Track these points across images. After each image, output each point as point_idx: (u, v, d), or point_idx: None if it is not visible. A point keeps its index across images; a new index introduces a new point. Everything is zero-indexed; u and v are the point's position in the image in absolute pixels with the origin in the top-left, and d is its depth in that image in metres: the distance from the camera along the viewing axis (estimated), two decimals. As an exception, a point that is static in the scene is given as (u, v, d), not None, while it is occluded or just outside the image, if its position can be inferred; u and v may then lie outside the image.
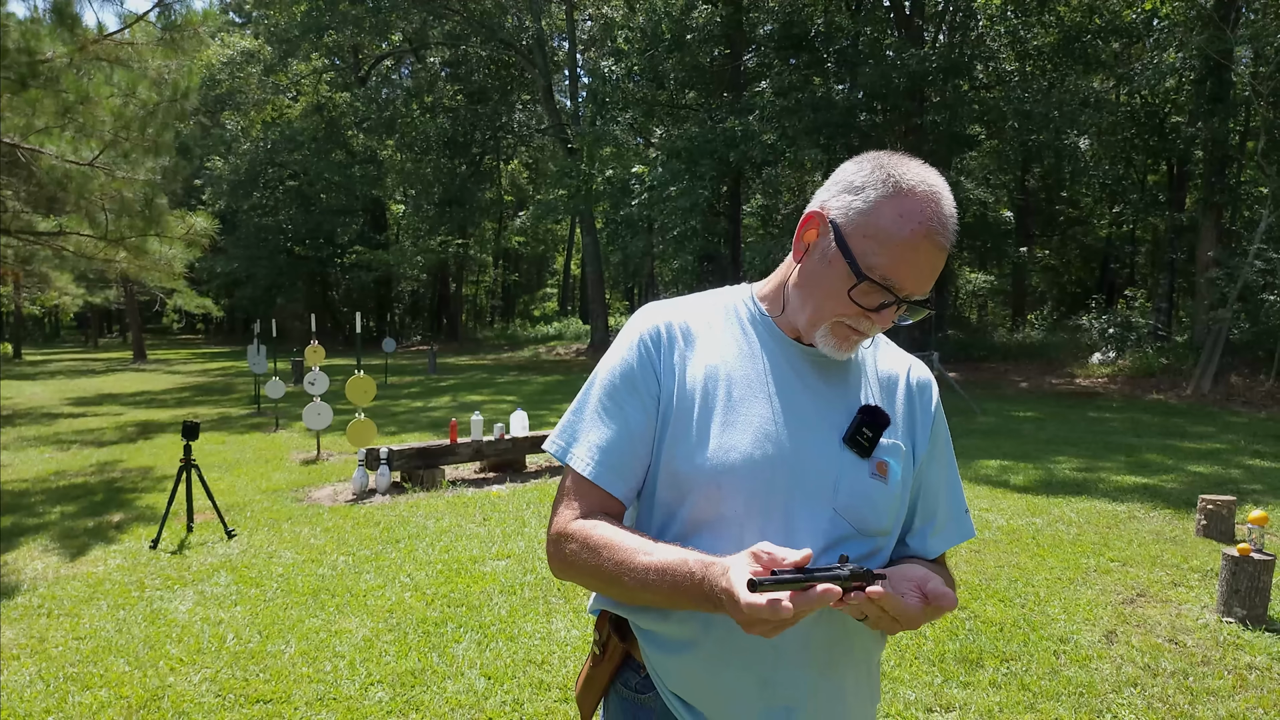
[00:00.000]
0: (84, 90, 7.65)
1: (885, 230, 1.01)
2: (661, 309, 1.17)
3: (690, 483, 1.06)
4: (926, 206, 1.01)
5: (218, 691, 3.20)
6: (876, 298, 1.03)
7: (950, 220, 1.03)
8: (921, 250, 1.01)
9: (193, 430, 5.41)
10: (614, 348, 1.16)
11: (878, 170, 1.04)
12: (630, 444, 1.10)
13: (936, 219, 1.01)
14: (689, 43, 17.26)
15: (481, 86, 30.53)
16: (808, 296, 1.09)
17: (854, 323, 1.06)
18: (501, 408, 11.75)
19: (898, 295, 1.02)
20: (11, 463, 8.35)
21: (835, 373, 1.14)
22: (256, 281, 31.12)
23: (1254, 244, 14.15)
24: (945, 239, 1.02)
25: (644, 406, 1.10)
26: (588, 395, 1.15)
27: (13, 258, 11.09)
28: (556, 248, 44.31)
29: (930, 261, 1.02)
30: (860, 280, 1.02)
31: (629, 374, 1.12)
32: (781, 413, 1.08)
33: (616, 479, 1.09)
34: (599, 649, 1.19)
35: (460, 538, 5.34)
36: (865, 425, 1.09)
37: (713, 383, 1.10)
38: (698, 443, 1.07)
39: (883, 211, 1.01)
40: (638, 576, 0.99)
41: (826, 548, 1.05)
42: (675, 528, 1.08)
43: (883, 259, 1.01)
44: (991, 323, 27.24)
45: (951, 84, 18.26)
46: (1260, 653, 3.53)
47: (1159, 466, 7.80)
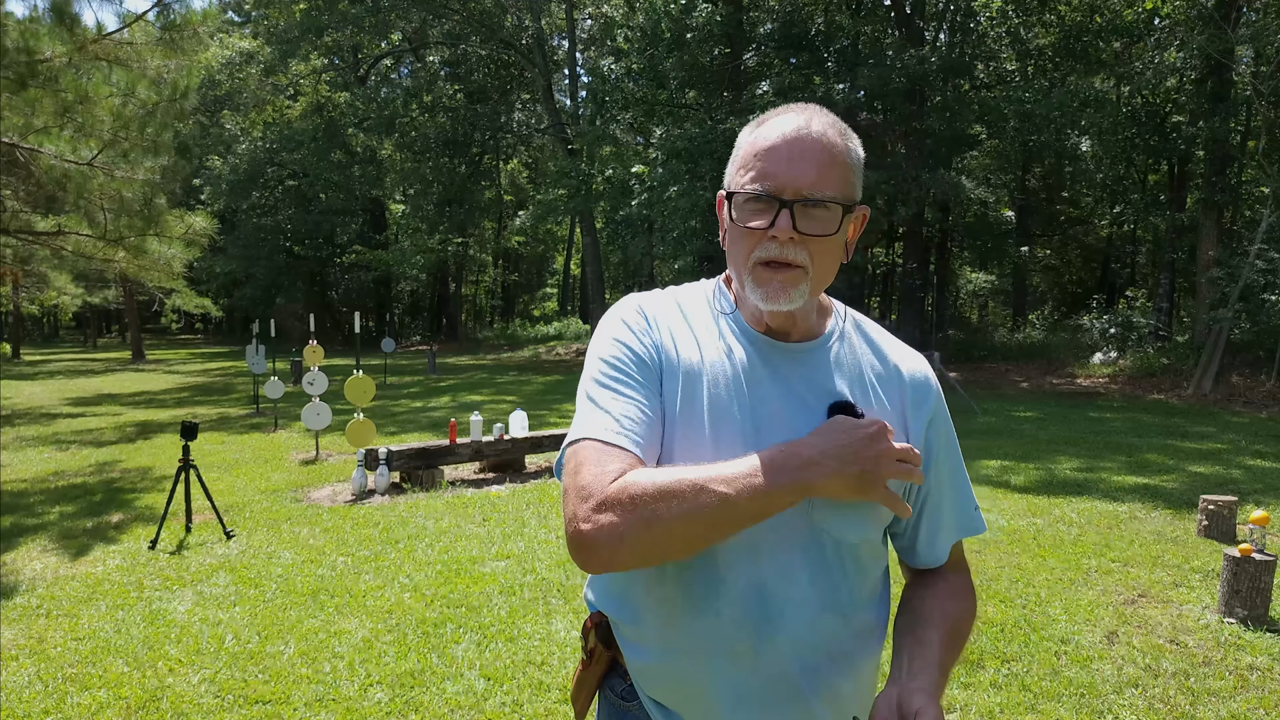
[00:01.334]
0: (83, 90, 7.64)
1: (749, 150, 1.03)
2: (641, 297, 1.15)
3: None
4: (788, 114, 1.03)
5: (217, 692, 3.19)
6: (765, 209, 1.00)
7: (820, 116, 1.03)
8: (784, 145, 1.00)
9: (191, 430, 5.40)
10: (602, 336, 1.10)
11: (748, 126, 1.08)
12: (644, 409, 1.02)
13: (800, 119, 1.02)
14: (689, 42, 17.25)
15: (481, 86, 30.52)
16: (730, 264, 1.08)
17: (763, 253, 1.00)
18: (501, 408, 11.74)
19: (776, 196, 0.98)
20: (10, 463, 8.34)
21: (815, 366, 1.09)
22: (256, 281, 31.11)
23: (1255, 244, 14.14)
24: (806, 130, 1.01)
25: (650, 378, 1.05)
26: (587, 381, 1.07)
27: (11, 257, 11.08)
28: (556, 248, 44.30)
29: (801, 153, 0.99)
30: (733, 198, 1.02)
31: (629, 353, 1.06)
32: (755, 415, 1.03)
33: (641, 441, 0.99)
34: (586, 655, 1.18)
35: (460, 538, 5.33)
36: None
37: (691, 379, 1.05)
38: (677, 440, 1.03)
39: (751, 143, 1.04)
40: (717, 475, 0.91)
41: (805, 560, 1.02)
42: None
43: (751, 170, 1.01)
44: (992, 323, 27.25)
45: (952, 84, 18.26)
46: (1261, 653, 3.52)
47: (1160, 467, 7.79)
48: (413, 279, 32.55)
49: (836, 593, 1.04)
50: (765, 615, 1.01)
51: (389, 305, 35.66)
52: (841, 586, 1.04)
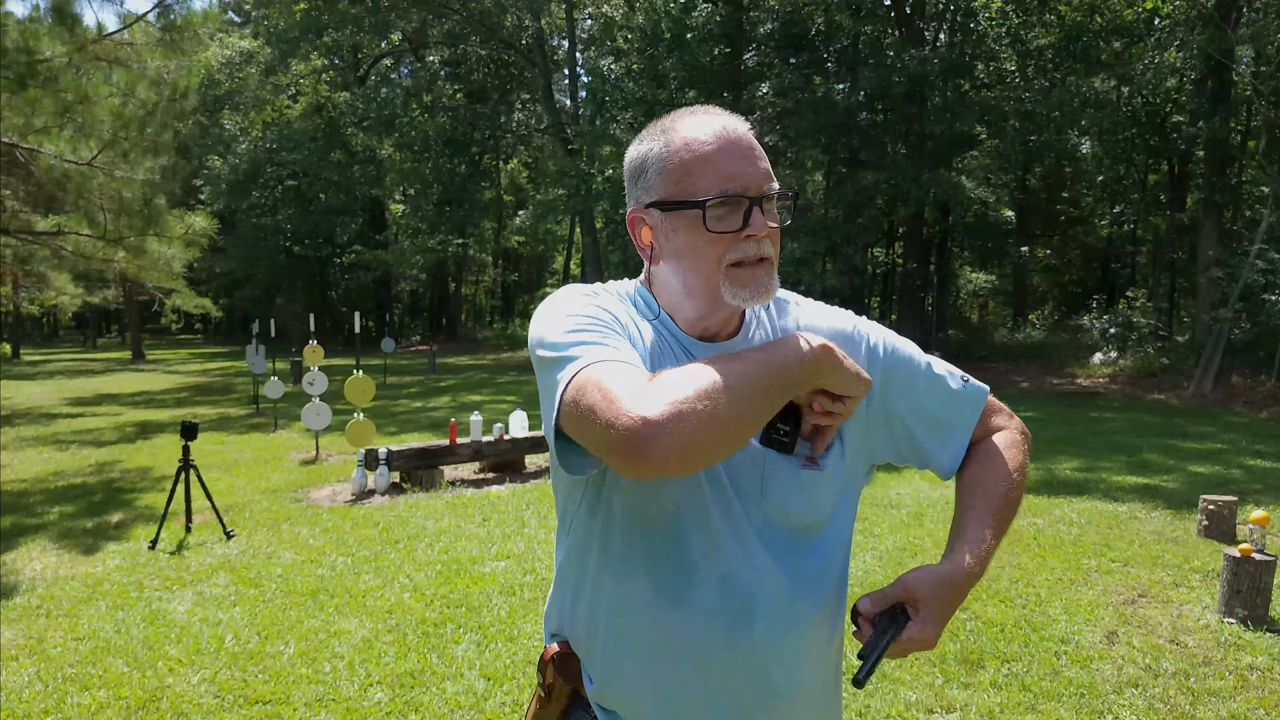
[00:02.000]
0: (83, 90, 7.65)
1: (687, 160, 1.00)
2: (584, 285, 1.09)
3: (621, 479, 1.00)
4: (700, 117, 1.02)
5: (216, 692, 3.19)
6: (729, 211, 0.98)
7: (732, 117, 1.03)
8: (727, 147, 0.99)
9: (191, 430, 5.40)
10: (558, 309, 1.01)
11: (642, 143, 1.05)
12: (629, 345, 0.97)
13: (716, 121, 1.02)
14: (689, 42, 17.26)
15: (481, 86, 30.52)
16: (687, 277, 1.02)
17: (739, 254, 0.98)
18: (501, 408, 11.74)
19: (746, 195, 0.98)
20: (10, 463, 8.34)
21: None
22: (255, 281, 31.11)
23: (1255, 244, 14.14)
24: (735, 129, 1.01)
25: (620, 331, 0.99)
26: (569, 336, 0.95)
27: (11, 257, 11.09)
28: (556, 248, 44.27)
29: (748, 150, 1.00)
30: (704, 205, 0.98)
31: (604, 312, 1.00)
32: None
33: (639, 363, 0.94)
34: (544, 691, 1.13)
35: (460, 538, 5.33)
36: (779, 420, 1.00)
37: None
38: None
39: (675, 152, 1.01)
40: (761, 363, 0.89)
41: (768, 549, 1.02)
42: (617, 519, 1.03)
43: (704, 180, 0.98)
44: (992, 323, 27.23)
45: (952, 84, 18.26)
46: (1261, 653, 3.52)
47: (1160, 467, 7.79)
48: (413, 279, 32.55)
49: (802, 578, 1.04)
50: (737, 606, 1.01)
51: (389, 305, 35.65)
52: (806, 572, 1.05)
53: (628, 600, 1.03)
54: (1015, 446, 1.16)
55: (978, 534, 1.06)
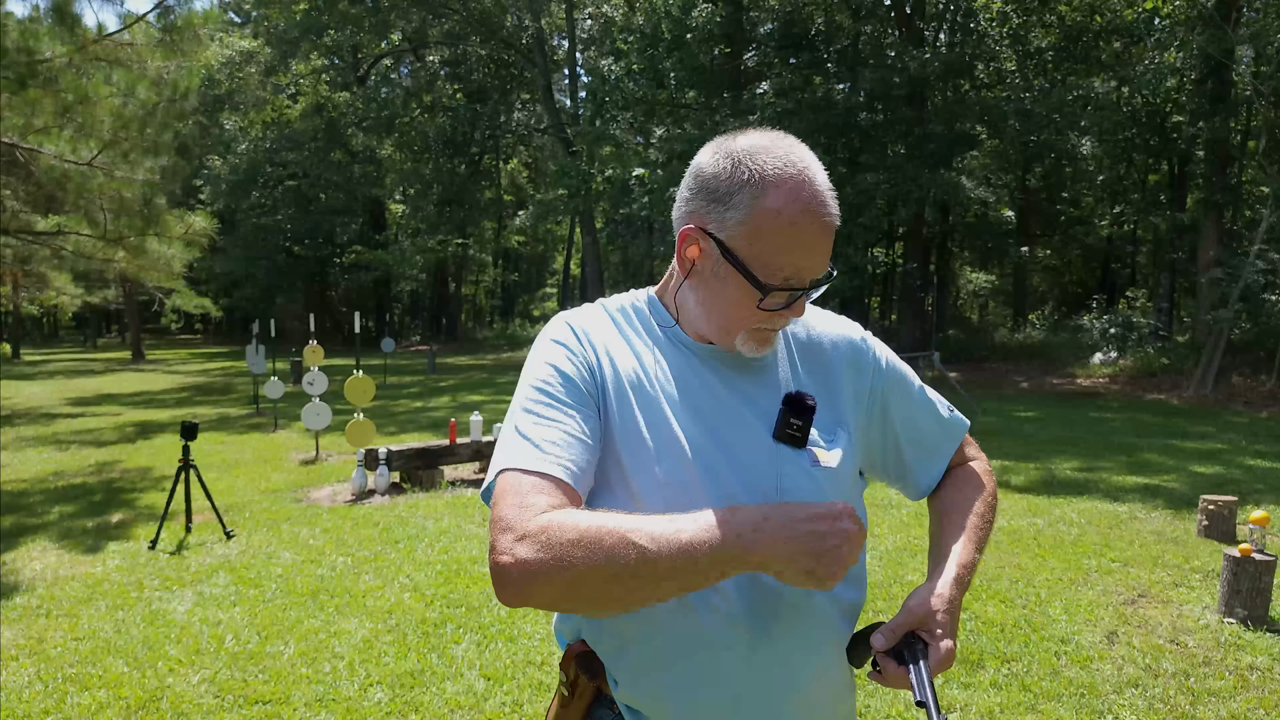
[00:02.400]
0: (83, 90, 7.65)
1: (769, 232, 0.97)
2: (572, 314, 1.12)
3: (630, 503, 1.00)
4: (801, 191, 0.97)
5: (216, 692, 3.19)
6: (783, 299, 1.01)
7: (827, 192, 1.00)
8: (809, 235, 0.98)
9: (191, 430, 5.40)
10: (531, 361, 1.07)
11: (738, 169, 0.99)
12: (573, 433, 0.98)
13: (814, 199, 0.98)
14: (689, 42, 17.26)
15: (481, 86, 30.53)
16: (711, 312, 1.04)
17: (769, 325, 1.03)
18: (501, 408, 11.74)
19: (803, 287, 1.00)
20: (11, 463, 8.34)
21: (754, 364, 1.10)
22: (255, 281, 31.11)
23: (1255, 244, 14.14)
24: (828, 214, 0.99)
25: (582, 399, 1.01)
26: (514, 409, 1.03)
27: (11, 257, 11.09)
28: (556, 248, 44.28)
29: (821, 242, 1.00)
30: (766, 293, 0.99)
31: (557, 371, 1.03)
32: (709, 421, 1.04)
33: (568, 465, 0.94)
34: (567, 689, 1.11)
35: (459, 538, 5.33)
36: (792, 416, 1.04)
37: (631, 391, 1.04)
38: (625, 455, 1.01)
39: (762, 213, 0.97)
40: (650, 539, 0.84)
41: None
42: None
43: (777, 260, 0.98)
44: (992, 323, 27.24)
45: (952, 84, 18.26)
46: (1261, 653, 3.52)
47: (1160, 467, 7.79)
48: (413, 279, 32.58)
49: None
50: (759, 608, 1.01)
51: (389, 305, 35.67)
52: None
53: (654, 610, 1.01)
54: (988, 475, 1.23)
55: (964, 549, 1.09)
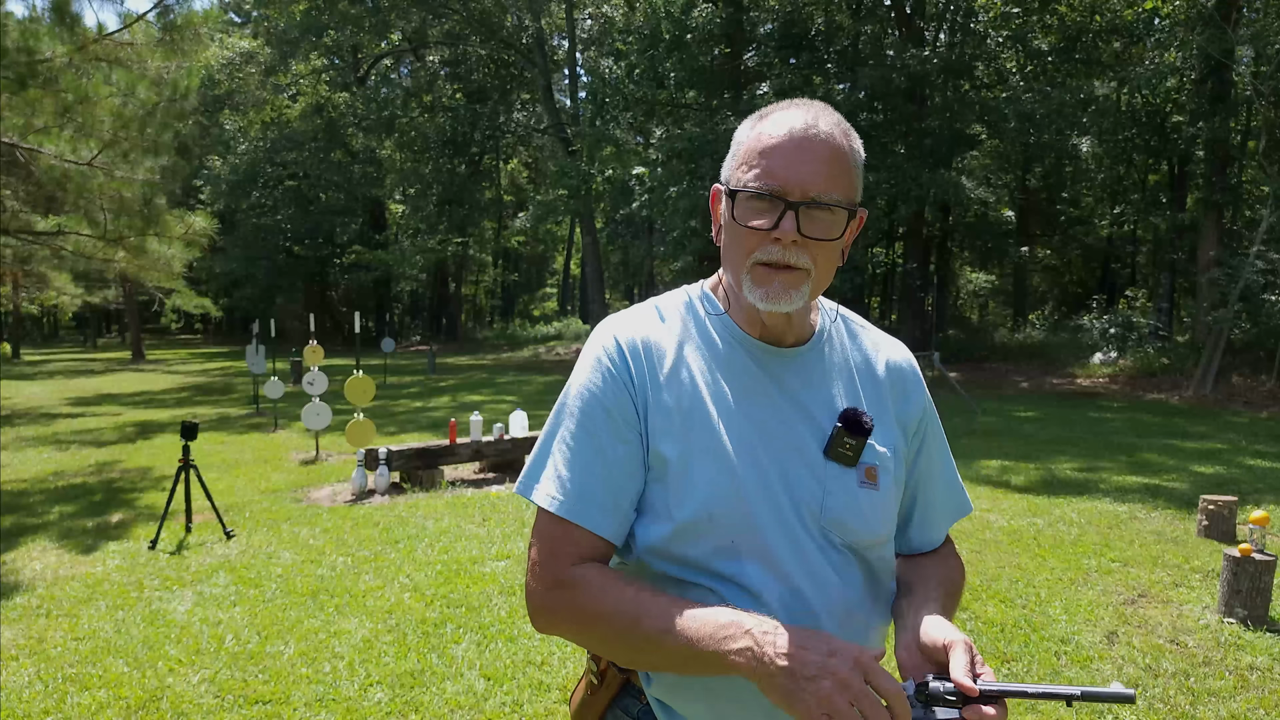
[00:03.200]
0: (83, 90, 7.64)
1: (753, 146, 1.00)
2: (621, 323, 1.09)
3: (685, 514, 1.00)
4: (795, 109, 1.00)
5: (216, 692, 3.19)
6: (769, 209, 0.97)
7: (826, 115, 1.00)
8: (791, 143, 0.97)
9: (191, 430, 5.40)
10: (578, 370, 1.07)
11: (749, 119, 1.05)
12: (609, 474, 1.00)
13: (795, 115, 0.99)
14: (689, 43, 17.26)
15: (481, 86, 30.53)
16: (726, 263, 1.05)
17: (765, 255, 0.98)
18: (501, 408, 11.74)
19: (782, 197, 0.96)
20: (11, 463, 8.34)
21: (812, 371, 1.08)
22: (255, 281, 31.11)
23: (1255, 244, 14.14)
24: (811, 129, 0.98)
25: (621, 433, 1.01)
26: (554, 425, 1.05)
27: (11, 257, 11.08)
28: (556, 248, 44.31)
29: (808, 152, 0.97)
30: (735, 196, 0.99)
31: (599, 398, 1.02)
32: (760, 429, 1.02)
33: (598, 513, 0.99)
34: (596, 678, 1.12)
35: (459, 538, 5.33)
36: (846, 435, 1.02)
37: (686, 402, 1.02)
38: (679, 473, 0.99)
39: (752, 136, 1.01)
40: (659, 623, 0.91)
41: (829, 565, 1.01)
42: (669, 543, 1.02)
43: (753, 170, 0.98)
44: (992, 323, 27.24)
45: (952, 84, 18.26)
46: (1261, 653, 3.52)
47: (1160, 467, 7.79)
48: (413, 279, 32.59)
49: (859, 595, 1.04)
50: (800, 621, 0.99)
51: (389, 305, 35.67)
52: (862, 589, 1.04)
53: None
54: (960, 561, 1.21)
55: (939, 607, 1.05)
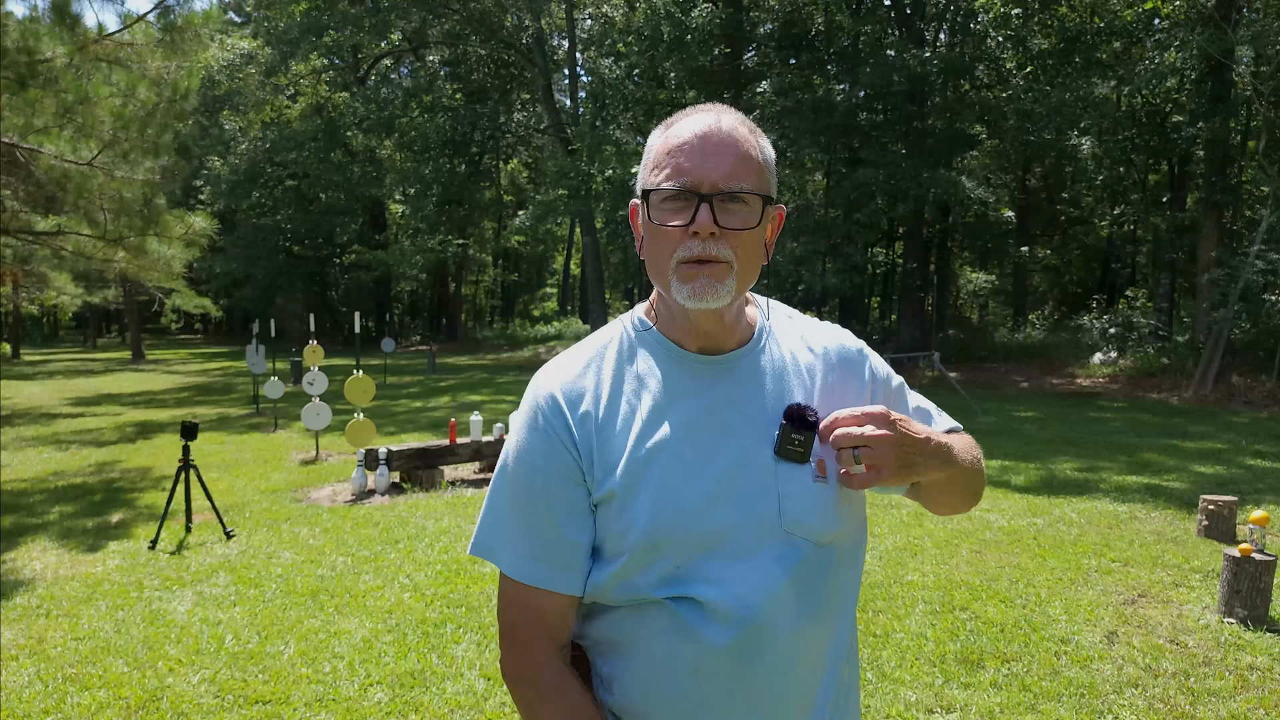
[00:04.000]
0: (83, 91, 7.64)
1: (661, 151, 1.01)
2: (554, 374, 1.08)
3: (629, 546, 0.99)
4: (696, 114, 1.02)
5: (216, 692, 3.19)
6: (683, 206, 0.98)
7: (729, 115, 1.02)
8: (696, 140, 0.98)
9: (191, 430, 5.40)
10: (516, 430, 1.07)
11: (657, 129, 1.06)
12: (558, 533, 1.01)
13: (709, 116, 1.01)
14: (689, 43, 17.26)
15: (481, 86, 30.52)
16: (650, 270, 1.05)
17: (686, 251, 0.98)
18: (501, 408, 11.74)
19: (694, 191, 0.96)
20: (11, 463, 8.34)
21: (753, 373, 1.06)
22: (255, 281, 31.10)
23: (1255, 244, 14.14)
24: (713, 126, 1.00)
25: (564, 491, 1.02)
26: (501, 486, 1.06)
27: (11, 257, 11.09)
28: (556, 248, 44.30)
29: (714, 146, 0.98)
30: (648, 196, 1.00)
31: (538, 460, 1.03)
32: (703, 447, 1.01)
33: (557, 572, 1.02)
34: None
35: (460, 538, 5.33)
36: (793, 431, 1.00)
37: (627, 438, 1.01)
38: (627, 506, 0.99)
39: (660, 143, 1.03)
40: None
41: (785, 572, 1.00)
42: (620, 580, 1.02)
43: (665, 168, 0.99)
44: (992, 323, 27.24)
45: (952, 84, 18.26)
46: (1261, 653, 3.52)
47: (1160, 467, 7.79)
48: (413, 279, 32.59)
49: (816, 597, 1.02)
50: (751, 638, 0.98)
51: (389, 305, 35.65)
52: (820, 590, 1.03)
53: (647, 626, 1.01)
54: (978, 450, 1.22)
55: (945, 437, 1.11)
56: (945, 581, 4.44)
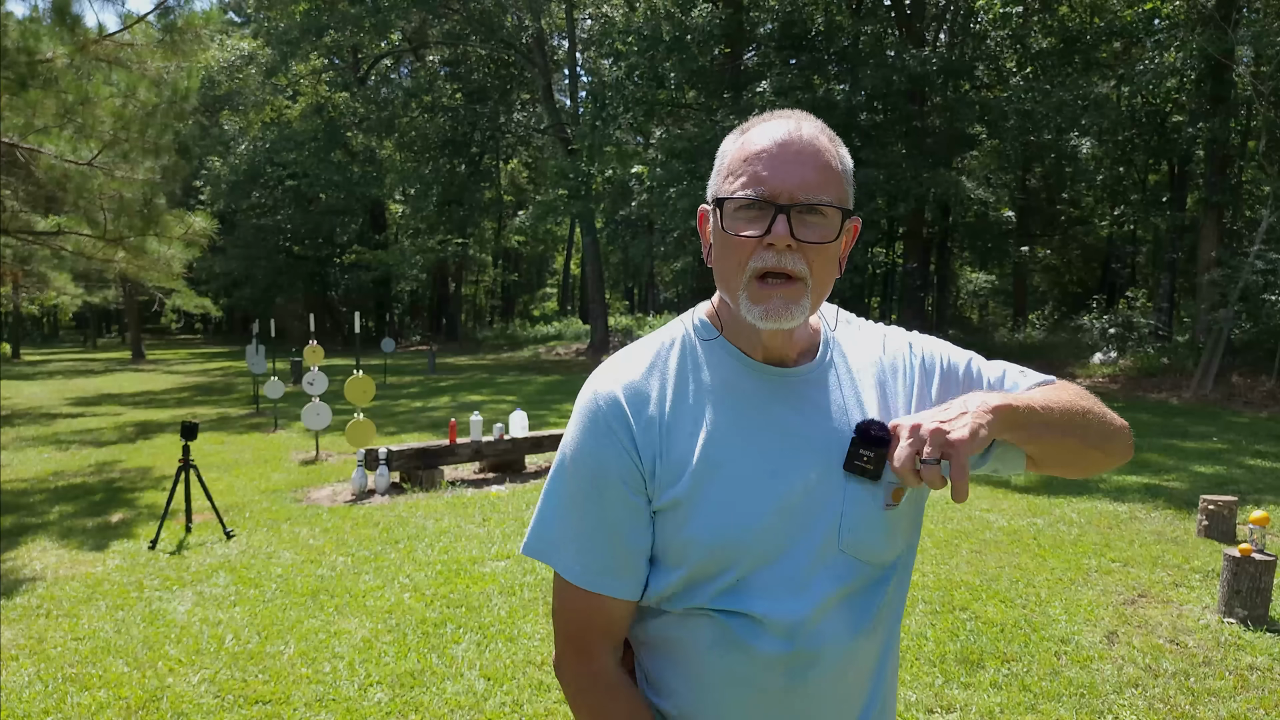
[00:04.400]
0: (84, 91, 7.65)
1: (736, 155, 0.98)
2: (614, 374, 1.03)
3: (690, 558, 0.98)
4: (776, 120, 0.99)
5: (216, 692, 3.19)
6: (759, 216, 0.95)
7: (809, 122, 0.99)
8: (776, 148, 0.95)
9: (191, 430, 5.40)
10: (571, 428, 1.04)
11: (732, 134, 1.04)
12: (619, 538, 0.99)
13: (789, 124, 0.98)
14: (689, 43, 17.27)
15: (481, 86, 30.53)
16: (719, 280, 1.01)
17: (759, 263, 0.95)
18: (501, 408, 11.74)
19: (771, 201, 0.93)
20: (11, 463, 8.34)
21: (820, 387, 1.04)
22: (255, 281, 31.12)
23: (1255, 244, 14.14)
24: (795, 134, 0.97)
25: (625, 495, 0.99)
26: (559, 488, 1.03)
27: (11, 257, 11.09)
28: (556, 248, 44.31)
29: (793, 156, 0.95)
30: (723, 205, 0.96)
31: (600, 461, 0.99)
32: (773, 460, 0.99)
33: (614, 579, 1.00)
34: None
35: (459, 538, 5.33)
36: (862, 446, 0.97)
37: (691, 446, 0.98)
38: (690, 518, 0.97)
39: (735, 148, 1.00)
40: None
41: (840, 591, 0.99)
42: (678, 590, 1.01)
43: (741, 176, 0.96)
44: (992, 322, 27.27)
45: (952, 84, 18.26)
46: (1261, 653, 3.52)
47: (1160, 467, 7.79)
48: (412, 279, 32.59)
49: (866, 615, 1.02)
50: (800, 654, 0.98)
51: (389, 305, 35.66)
52: (871, 607, 1.03)
53: (698, 635, 1.01)
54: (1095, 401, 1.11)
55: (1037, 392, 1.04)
56: (945, 581, 4.44)
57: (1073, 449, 1.05)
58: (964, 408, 0.94)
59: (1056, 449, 1.04)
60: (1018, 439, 1.00)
